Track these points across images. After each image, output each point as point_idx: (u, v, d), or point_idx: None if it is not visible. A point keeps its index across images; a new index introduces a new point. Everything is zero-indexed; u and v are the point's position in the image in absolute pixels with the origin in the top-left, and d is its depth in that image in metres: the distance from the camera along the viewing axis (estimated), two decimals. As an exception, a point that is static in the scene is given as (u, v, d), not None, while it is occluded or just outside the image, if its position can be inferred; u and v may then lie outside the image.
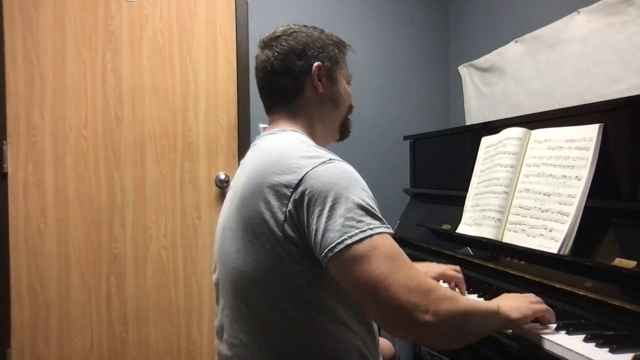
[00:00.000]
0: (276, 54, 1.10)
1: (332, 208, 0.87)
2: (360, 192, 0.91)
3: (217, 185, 2.40)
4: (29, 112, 2.22)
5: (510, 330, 1.06)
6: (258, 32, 2.41)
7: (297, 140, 1.02)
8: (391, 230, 0.90)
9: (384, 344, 1.55)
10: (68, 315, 2.26)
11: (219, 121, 2.42)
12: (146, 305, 2.33)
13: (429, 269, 1.33)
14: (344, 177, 0.91)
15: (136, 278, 2.33)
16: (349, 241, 0.85)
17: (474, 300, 0.99)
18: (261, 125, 2.47)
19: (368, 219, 0.88)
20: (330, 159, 0.95)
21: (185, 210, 2.38)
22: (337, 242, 0.85)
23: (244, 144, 2.42)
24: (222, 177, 2.39)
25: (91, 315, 2.28)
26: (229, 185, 2.38)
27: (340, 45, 1.17)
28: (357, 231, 0.86)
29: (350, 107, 1.21)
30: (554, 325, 1.04)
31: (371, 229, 0.86)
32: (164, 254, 2.36)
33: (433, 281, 0.88)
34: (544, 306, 1.05)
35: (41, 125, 2.24)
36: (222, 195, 2.40)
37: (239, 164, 2.40)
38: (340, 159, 0.97)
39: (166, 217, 2.36)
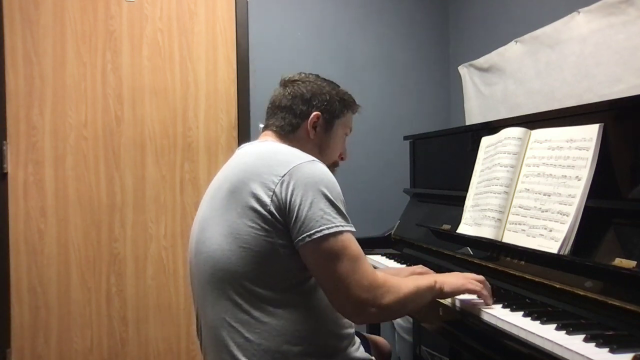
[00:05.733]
0: (287, 93, 1.27)
1: (314, 201, 1.04)
2: (337, 193, 1.08)
3: (217, 185, 2.40)
4: (29, 112, 2.22)
5: (512, 332, 1.07)
6: (258, 32, 2.46)
7: (283, 145, 1.20)
8: (354, 230, 1.08)
9: (381, 341, 1.56)
10: (68, 315, 2.26)
11: (219, 121, 2.42)
12: (146, 305, 2.33)
13: (398, 272, 1.44)
14: (325, 178, 1.08)
15: (136, 278, 2.33)
16: (326, 232, 1.02)
17: (417, 281, 1.14)
18: (261, 125, 2.46)
19: (340, 217, 1.05)
20: (314, 160, 1.10)
21: (185, 210, 2.38)
22: (315, 230, 1.02)
23: (243, 144, 2.42)
24: (222, 177, 2.39)
25: (91, 315, 2.28)
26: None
27: (347, 104, 1.31)
28: (332, 225, 1.03)
29: (339, 160, 1.34)
30: (553, 325, 1.04)
31: (342, 226, 1.05)
32: (164, 254, 2.36)
33: (382, 277, 1.06)
34: (480, 276, 1.22)
35: (41, 125, 2.24)
36: (222, 195, 2.40)
37: (239, 164, 2.44)
38: (322, 163, 1.12)
39: (166, 217, 2.36)
